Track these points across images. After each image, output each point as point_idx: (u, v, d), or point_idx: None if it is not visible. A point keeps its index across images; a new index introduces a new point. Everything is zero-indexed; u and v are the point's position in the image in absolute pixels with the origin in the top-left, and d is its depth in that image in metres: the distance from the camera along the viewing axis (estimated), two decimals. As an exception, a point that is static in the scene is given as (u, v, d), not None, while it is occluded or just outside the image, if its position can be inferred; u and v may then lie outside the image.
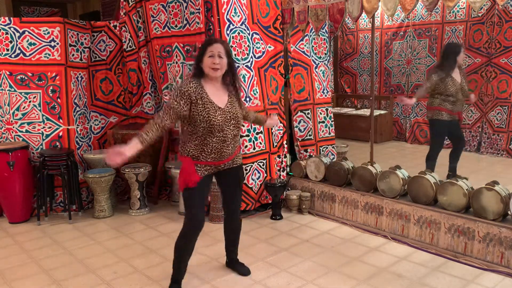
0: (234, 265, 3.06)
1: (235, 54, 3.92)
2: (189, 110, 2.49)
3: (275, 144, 4.35)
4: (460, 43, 5.44)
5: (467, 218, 3.20)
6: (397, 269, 3.07)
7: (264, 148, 4.24)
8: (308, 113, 4.71)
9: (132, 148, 2.37)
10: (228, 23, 3.94)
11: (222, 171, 2.71)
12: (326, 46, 4.85)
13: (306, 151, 4.69)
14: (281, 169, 4.43)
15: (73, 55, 4.38)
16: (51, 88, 4.29)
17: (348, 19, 4.00)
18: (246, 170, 4.10)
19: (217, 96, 2.57)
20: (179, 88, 2.50)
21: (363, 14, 3.74)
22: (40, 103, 4.27)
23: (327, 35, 4.83)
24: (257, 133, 4.17)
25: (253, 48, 4.14)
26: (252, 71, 4.09)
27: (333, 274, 3.03)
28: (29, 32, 4.17)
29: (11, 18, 4.15)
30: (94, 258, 3.37)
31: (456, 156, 4.58)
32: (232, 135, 2.60)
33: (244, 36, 4.06)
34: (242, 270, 3.01)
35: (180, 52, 4.20)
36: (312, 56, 4.72)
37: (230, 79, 2.64)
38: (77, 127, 4.45)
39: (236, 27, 4.00)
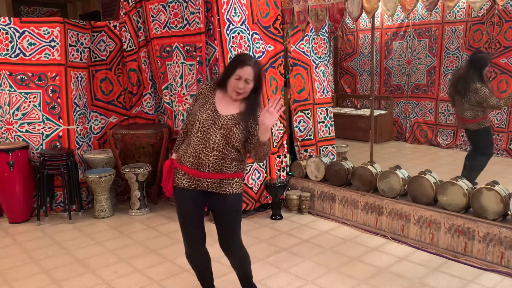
0: None
1: (234, 54, 3.92)
2: None
3: (275, 144, 4.35)
4: (488, 54, 5.43)
5: (467, 218, 3.20)
6: (397, 269, 3.07)
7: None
8: (308, 113, 4.71)
9: (167, 162, 2.46)
10: (228, 23, 3.94)
11: (208, 194, 2.40)
12: (326, 46, 4.85)
13: (306, 151, 4.69)
14: (281, 169, 4.43)
15: (73, 55, 4.38)
16: (51, 88, 4.28)
17: (348, 19, 4.00)
18: (246, 170, 4.08)
19: (224, 104, 2.38)
20: (195, 93, 2.49)
21: (363, 14, 3.74)
22: (40, 103, 4.27)
23: (327, 35, 4.82)
24: (257, 133, 4.17)
25: (253, 48, 4.14)
26: (252, 71, 4.09)
27: (333, 274, 3.03)
28: (29, 32, 4.17)
29: (11, 18, 4.15)
30: (94, 258, 3.37)
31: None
32: (218, 145, 2.29)
33: (244, 36, 4.06)
34: None
35: (180, 52, 4.20)
36: (312, 56, 4.72)
37: (249, 103, 2.38)
38: (77, 127, 4.45)
39: (236, 27, 4.00)
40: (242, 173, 2.46)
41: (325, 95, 4.86)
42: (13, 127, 4.25)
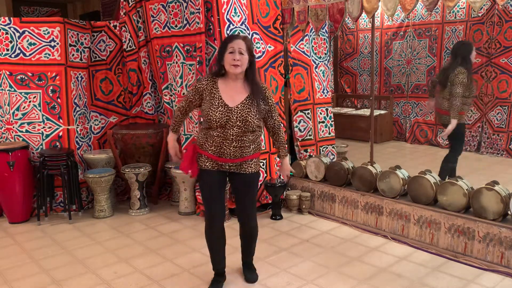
0: (244, 268, 2.98)
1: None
2: (201, 103, 2.62)
3: (275, 144, 4.35)
4: (470, 41, 5.28)
5: (467, 218, 3.20)
6: (397, 269, 3.07)
7: (264, 148, 4.23)
8: (308, 113, 4.71)
9: (171, 139, 2.81)
10: (228, 23, 3.94)
11: (230, 173, 2.66)
12: (326, 46, 4.85)
13: (306, 151, 4.69)
14: (281, 169, 4.42)
15: (73, 55, 4.38)
16: (51, 88, 4.29)
17: (348, 19, 4.00)
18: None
19: (230, 94, 2.52)
20: (196, 84, 2.63)
21: (363, 14, 3.74)
22: (40, 103, 4.27)
23: (327, 35, 4.83)
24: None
25: (253, 48, 4.14)
26: (252, 71, 4.09)
27: (333, 274, 3.03)
28: (29, 32, 4.17)
29: (11, 18, 4.15)
30: (94, 258, 3.37)
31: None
32: (237, 135, 2.51)
33: (244, 36, 4.06)
34: (248, 277, 2.93)
35: (180, 52, 4.20)
36: (312, 56, 4.72)
37: (249, 78, 2.56)
38: (77, 127, 4.45)
39: (236, 27, 4.00)
40: (259, 153, 2.70)
41: (325, 95, 4.86)
42: (13, 127, 4.25)
